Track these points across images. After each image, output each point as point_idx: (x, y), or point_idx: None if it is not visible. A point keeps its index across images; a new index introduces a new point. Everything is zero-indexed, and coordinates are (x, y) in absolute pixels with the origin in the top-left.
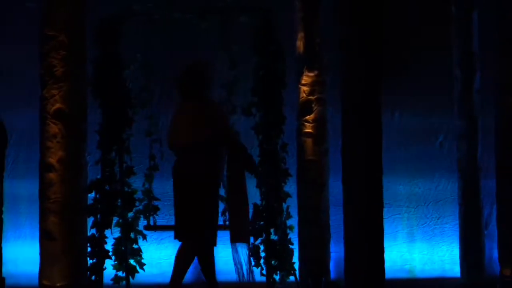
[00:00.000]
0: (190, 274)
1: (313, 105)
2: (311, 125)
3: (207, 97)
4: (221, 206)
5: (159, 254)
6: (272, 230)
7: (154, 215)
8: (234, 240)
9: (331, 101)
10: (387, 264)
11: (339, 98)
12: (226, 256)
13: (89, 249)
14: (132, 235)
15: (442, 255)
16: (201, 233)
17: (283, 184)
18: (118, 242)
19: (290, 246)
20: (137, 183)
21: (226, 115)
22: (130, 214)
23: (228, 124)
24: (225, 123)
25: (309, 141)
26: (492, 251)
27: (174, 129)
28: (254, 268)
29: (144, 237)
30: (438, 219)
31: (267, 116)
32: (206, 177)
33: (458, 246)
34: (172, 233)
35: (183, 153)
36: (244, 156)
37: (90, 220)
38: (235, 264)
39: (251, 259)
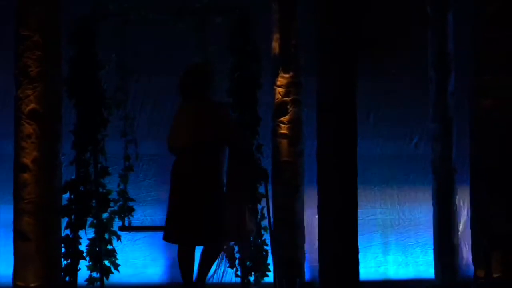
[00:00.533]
0: (164, 275)
1: (288, 106)
2: (286, 126)
3: (210, 98)
4: None
5: (133, 255)
6: None
7: (129, 216)
8: (234, 239)
9: (308, 102)
10: (361, 266)
11: (315, 99)
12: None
13: (63, 250)
14: (106, 236)
15: (417, 257)
16: (221, 234)
17: (258, 185)
18: (92, 243)
19: (265, 247)
20: (112, 184)
21: (230, 114)
22: (105, 215)
23: (232, 124)
24: (229, 122)
25: (284, 142)
26: (466, 252)
27: (178, 130)
28: (229, 269)
29: (119, 238)
30: (412, 221)
31: (242, 116)
32: (213, 177)
33: (432, 248)
34: (146, 234)
35: (188, 153)
36: (245, 155)
37: (64, 221)
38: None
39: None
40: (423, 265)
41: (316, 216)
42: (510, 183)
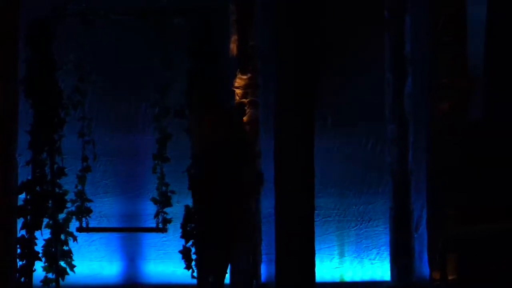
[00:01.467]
0: (120, 275)
1: (246, 108)
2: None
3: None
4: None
5: (90, 256)
6: None
7: (87, 216)
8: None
9: (267, 103)
10: (318, 267)
11: (273, 101)
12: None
13: (18, 250)
14: (62, 236)
15: (373, 258)
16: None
17: None
18: (48, 244)
19: None
20: (69, 184)
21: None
22: (61, 216)
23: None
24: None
25: None
26: (422, 254)
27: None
28: (186, 271)
29: (75, 239)
30: (369, 222)
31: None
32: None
33: (388, 249)
34: (103, 235)
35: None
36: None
37: (20, 221)
38: None
39: None
40: (379, 266)
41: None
42: (465, 186)
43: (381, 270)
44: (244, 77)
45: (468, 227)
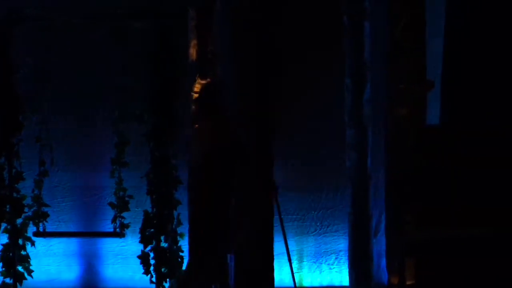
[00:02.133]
0: (78, 280)
1: None
2: None
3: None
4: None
5: (48, 261)
6: (162, 237)
7: (44, 221)
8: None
9: None
10: (277, 272)
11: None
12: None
13: None
14: (20, 241)
15: (331, 263)
16: None
17: (174, 191)
18: (6, 249)
19: (181, 254)
20: (26, 189)
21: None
22: (19, 220)
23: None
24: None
25: None
26: (381, 260)
27: None
28: (144, 276)
29: (33, 244)
30: (328, 227)
31: (158, 123)
32: None
33: (347, 254)
34: (61, 240)
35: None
36: None
37: None
38: None
39: None
40: (337, 272)
41: None
42: (423, 191)
43: (340, 275)
44: (203, 82)
45: (426, 233)
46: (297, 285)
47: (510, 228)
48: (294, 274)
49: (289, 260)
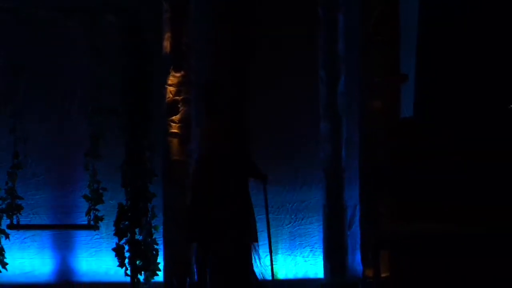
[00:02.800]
0: (52, 274)
1: (179, 106)
2: (177, 125)
3: None
4: None
5: (21, 254)
6: (137, 230)
7: (18, 214)
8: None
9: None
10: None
11: None
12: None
13: None
14: None
15: (306, 256)
16: None
17: (148, 184)
18: None
19: (155, 246)
20: None
21: None
22: None
23: None
24: None
25: (175, 141)
26: (355, 252)
27: None
28: (119, 268)
29: (7, 236)
30: (302, 220)
31: (132, 115)
32: None
33: (322, 247)
34: (35, 233)
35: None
36: None
37: None
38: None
39: None
40: (312, 264)
41: None
42: (396, 184)
43: (315, 267)
44: (178, 74)
45: (401, 226)
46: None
47: (486, 223)
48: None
49: (270, 251)
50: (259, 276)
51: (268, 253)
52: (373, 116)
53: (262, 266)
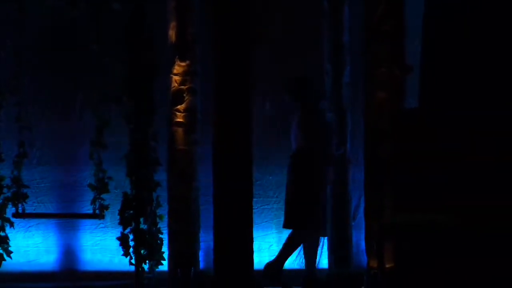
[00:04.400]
0: (57, 263)
1: (184, 95)
2: (182, 114)
3: None
4: None
5: (26, 242)
6: (141, 219)
7: (23, 202)
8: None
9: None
10: (256, 255)
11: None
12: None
13: None
14: None
15: None
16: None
17: (153, 173)
18: None
19: (160, 236)
20: (5, 170)
21: None
22: None
23: None
24: None
25: (179, 130)
26: (360, 243)
27: None
28: (123, 257)
29: (12, 225)
30: None
31: (137, 105)
32: None
33: (326, 238)
34: (40, 221)
35: None
36: None
37: None
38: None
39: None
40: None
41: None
42: (400, 175)
43: (319, 258)
44: (183, 64)
45: (405, 216)
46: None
47: (492, 217)
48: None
49: None
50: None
51: None
52: (377, 107)
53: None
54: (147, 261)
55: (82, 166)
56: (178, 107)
